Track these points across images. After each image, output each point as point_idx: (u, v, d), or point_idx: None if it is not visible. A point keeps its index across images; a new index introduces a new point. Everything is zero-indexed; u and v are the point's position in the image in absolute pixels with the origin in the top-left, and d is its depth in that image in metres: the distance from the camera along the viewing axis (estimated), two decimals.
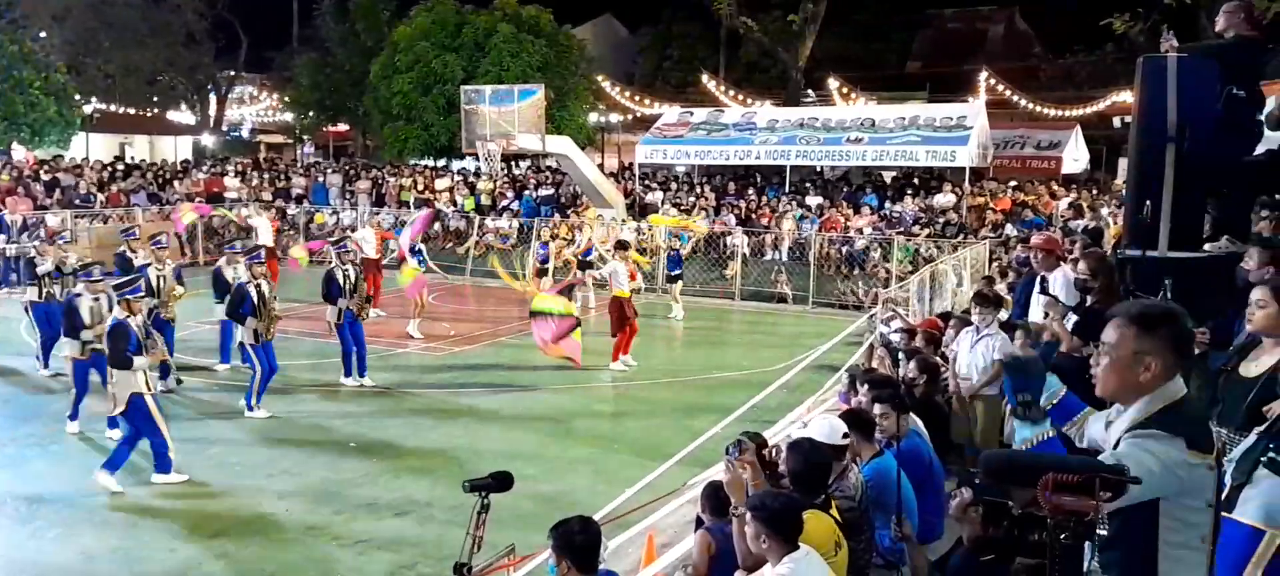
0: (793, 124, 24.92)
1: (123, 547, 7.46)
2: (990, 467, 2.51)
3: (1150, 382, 2.79)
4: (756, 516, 3.92)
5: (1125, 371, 2.81)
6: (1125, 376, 2.82)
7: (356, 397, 11.89)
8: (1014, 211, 21.30)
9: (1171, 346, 2.81)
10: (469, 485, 4.18)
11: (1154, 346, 2.78)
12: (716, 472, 7.40)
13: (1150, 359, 2.78)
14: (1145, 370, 2.78)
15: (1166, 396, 2.79)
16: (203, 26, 38.55)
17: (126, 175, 26.83)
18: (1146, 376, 2.79)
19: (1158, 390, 2.79)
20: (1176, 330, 2.85)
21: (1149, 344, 2.79)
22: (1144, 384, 2.79)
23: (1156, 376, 2.79)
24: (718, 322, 18.16)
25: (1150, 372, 2.78)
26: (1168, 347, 2.80)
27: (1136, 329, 2.82)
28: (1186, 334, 2.90)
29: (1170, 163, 6.78)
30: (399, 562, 7.26)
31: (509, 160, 29.03)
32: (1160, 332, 2.81)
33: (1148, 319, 2.85)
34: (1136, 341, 2.81)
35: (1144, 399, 2.80)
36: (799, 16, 31.77)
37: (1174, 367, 2.82)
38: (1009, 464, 2.51)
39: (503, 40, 29.36)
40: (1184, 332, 2.88)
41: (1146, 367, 2.78)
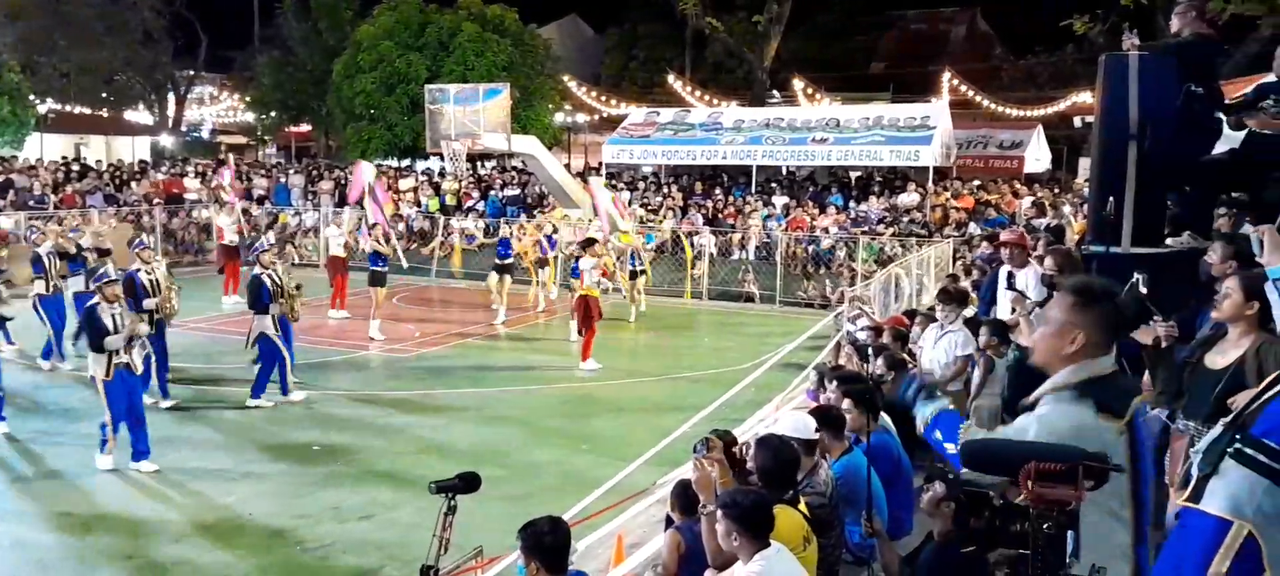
0: (759, 124, 25.01)
1: (77, 551, 7.29)
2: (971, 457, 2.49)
3: (1074, 355, 2.87)
4: (727, 514, 3.89)
5: (1055, 339, 2.91)
6: (1054, 344, 2.91)
7: (319, 399, 11.70)
8: (977, 210, 21.52)
9: (1102, 325, 2.90)
10: (435, 486, 4.12)
11: (1085, 321, 2.87)
12: (685, 471, 7.39)
13: (1078, 332, 2.86)
14: (1071, 342, 2.87)
15: (1091, 370, 2.87)
16: (161, 25, 37.87)
17: (82, 176, 26.29)
18: (1071, 348, 2.87)
19: (1083, 363, 2.87)
20: (1110, 311, 2.95)
21: (1081, 318, 2.88)
22: (1068, 355, 2.88)
23: (1081, 349, 2.87)
24: (685, 322, 18.15)
25: (1075, 345, 2.87)
26: (1098, 325, 2.89)
27: (1073, 301, 2.93)
28: (1120, 317, 3.01)
29: (1132, 160, 6.86)
30: (365, 565, 7.15)
31: (474, 160, 28.85)
32: (1094, 310, 2.90)
33: (1087, 294, 2.94)
34: (1070, 313, 2.91)
35: (1068, 369, 2.88)
36: (764, 17, 31.90)
37: (1101, 346, 2.90)
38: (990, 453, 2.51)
39: (467, 39, 29.14)
40: (1118, 315, 2.99)
41: (1073, 340, 2.87)
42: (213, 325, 15.65)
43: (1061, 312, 2.94)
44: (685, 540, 4.96)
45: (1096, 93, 7.53)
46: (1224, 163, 6.87)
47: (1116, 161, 6.97)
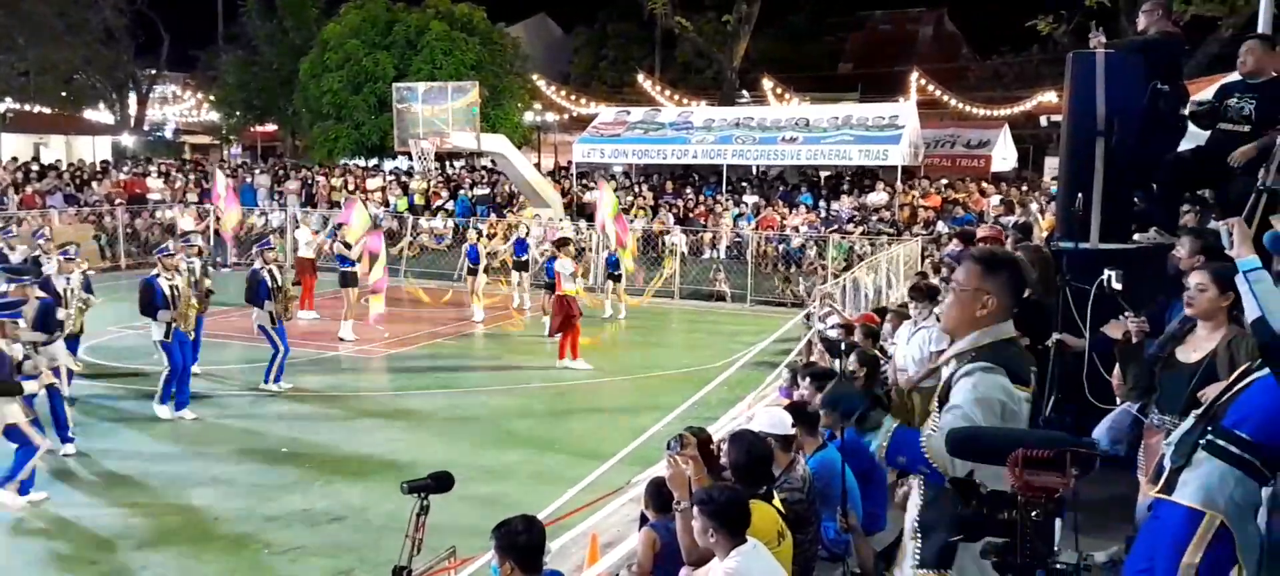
0: (729, 123, 25.06)
1: (41, 558, 7.14)
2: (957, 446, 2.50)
3: (985, 319, 3.07)
4: (703, 510, 3.87)
5: (967, 305, 3.09)
6: (966, 309, 3.10)
7: (287, 400, 11.56)
8: (945, 208, 21.69)
9: (1009, 288, 3.09)
10: (407, 486, 4.06)
11: (994, 286, 3.06)
12: (659, 470, 7.36)
13: (989, 297, 3.06)
14: (983, 307, 3.06)
15: (994, 334, 3.05)
16: (122, 23, 37.24)
17: (42, 176, 25.80)
18: (983, 313, 3.07)
19: (989, 327, 3.06)
20: (1015, 275, 3.14)
21: (990, 283, 3.07)
22: (980, 319, 3.07)
23: (992, 313, 3.06)
24: (657, 321, 18.13)
25: (986, 310, 3.06)
26: (1005, 289, 3.08)
27: (981, 268, 3.12)
28: (1022, 281, 3.19)
29: (1100, 156, 6.95)
30: (336, 568, 7.06)
31: (443, 159, 28.66)
32: (1001, 275, 3.09)
33: (992, 261, 3.17)
34: (980, 279, 3.09)
35: (975, 332, 3.07)
36: (733, 17, 31.98)
37: (1008, 310, 3.10)
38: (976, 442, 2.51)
39: (435, 38, 28.94)
40: (1021, 279, 3.18)
41: (984, 305, 3.06)
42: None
43: (971, 280, 3.11)
44: (660, 538, 4.94)
45: (1064, 90, 7.61)
46: (1189, 159, 6.96)
47: (1084, 158, 7.05)
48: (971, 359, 3.01)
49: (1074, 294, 5.36)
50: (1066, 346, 5.32)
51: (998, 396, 2.91)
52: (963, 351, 3.08)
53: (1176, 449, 3.61)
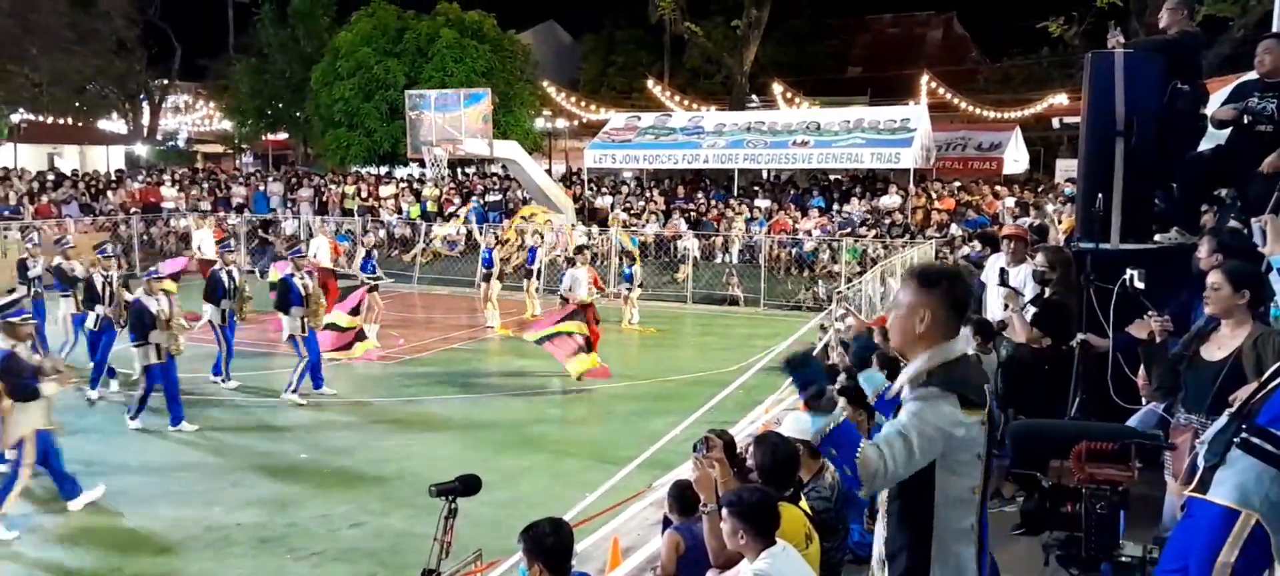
0: (740, 128, 25.05)
1: (62, 567, 7.16)
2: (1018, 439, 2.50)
3: (925, 335, 2.98)
4: (733, 512, 3.86)
5: (904, 321, 3.02)
6: (904, 325, 3.03)
7: (306, 408, 11.59)
8: (958, 211, 21.64)
9: (947, 303, 3.00)
10: (436, 489, 4.08)
11: (929, 301, 2.99)
12: (680, 474, 7.36)
13: (925, 311, 2.98)
14: (920, 321, 2.98)
15: (944, 354, 2.97)
16: (134, 34, 37.42)
17: (57, 185, 25.97)
18: (921, 327, 2.98)
19: (936, 347, 2.98)
20: (953, 289, 3.05)
21: (925, 298, 3.00)
22: (920, 336, 2.99)
23: (929, 328, 2.98)
24: (671, 326, 18.13)
25: (924, 325, 2.98)
26: (942, 303, 2.99)
27: (916, 283, 3.05)
28: (963, 295, 3.10)
29: (1119, 156, 6.94)
30: (355, 573, 7.07)
31: (454, 166, 28.73)
32: (938, 289, 3.01)
33: (927, 276, 3.08)
34: (915, 294, 3.02)
35: (923, 354, 2.98)
36: (742, 22, 31.97)
37: (950, 324, 3.01)
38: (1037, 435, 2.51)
39: (445, 46, 29.04)
40: (960, 293, 3.08)
41: (921, 320, 2.98)
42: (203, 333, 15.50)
43: (907, 295, 3.05)
44: (684, 540, 4.93)
45: (1083, 91, 7.60)
46: (1209, 159, 6.94)
47: (1104, 158, 7.04)
48: (923, 382, 2.94)
49: (1097, 294, 5.36)
50: (1091, 346, 5.32)
51: (942, 427, 2.86)
52: (914, 375, 2.99)
53: (1210, 447, 3.59)
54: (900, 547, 3.08)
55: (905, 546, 3.06)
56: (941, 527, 2.99)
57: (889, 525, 3.14)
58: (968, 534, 3.03)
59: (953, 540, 3.01)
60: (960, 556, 3.03)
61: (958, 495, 2.99)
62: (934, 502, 2.98)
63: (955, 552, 3.02)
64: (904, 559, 3.07)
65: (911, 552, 3.05)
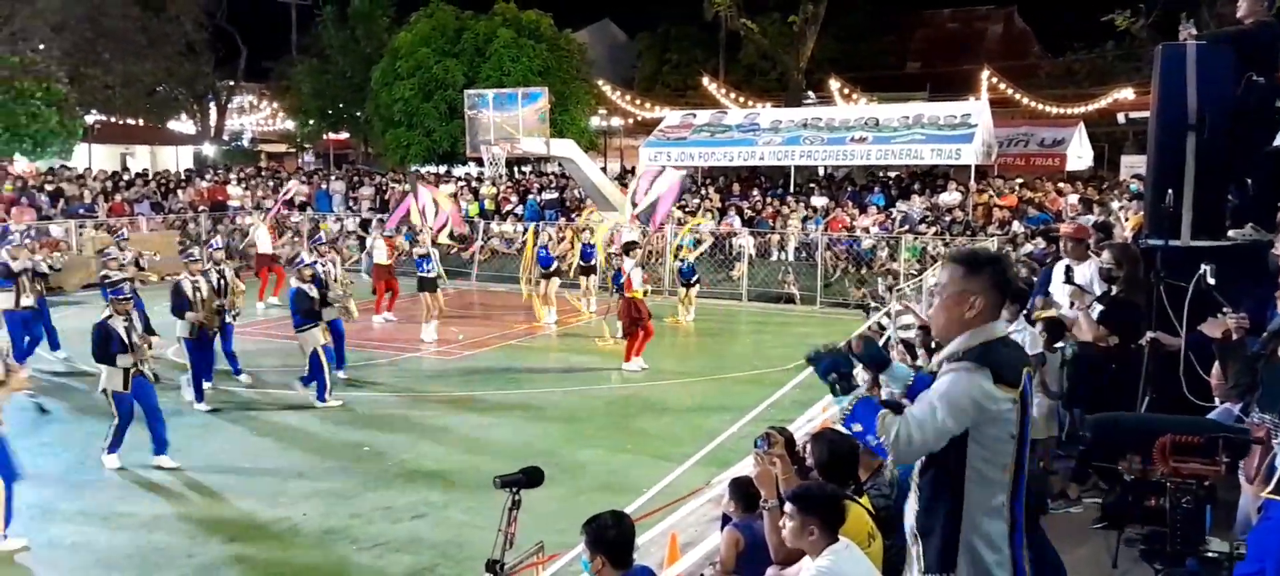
0: (796, 124, 24.88)
1: (140, 551, 7.40)
2: (1099, 432, 2.48)
3: (974, 320, 3.04)
4: (800, 507, 3.85)
5: (952, 308, 3.08)
6: (952, 312, 3.08)
7: (368, 401, 11.81)
8: (1020, 208, 21.26)
9: (994, 286, 3.06)
10: (500, 481, 4.14)
11: (979, 286, 3.04)
12: (737, 471, 7.36)
13: (975, 297, 3.04)
14: (970, 308, 3.04)
15: (985, 334, 3.02)
16: (202, 37, 38.45)
17: (129, 185, 26.79)
18: (971, 314, 3.04)
19: (979, 328, 3.04)
20: (999, 272, 3.11)
21: (974, 284, 3.05)
22: (968, 321, 3.04)
23: (980, 313, 3.04)
24: (726, 323, 18.10)
25: (974, 310, 3.04)
26: (991, 287, 3.05)
27: (963, 270, 3.10)
28: (1008, 277, 3.17)
29: (1191, 151, 6.77)
30: (418, 564, 7.20)
31: (511, 165, 29.00)
32: (984, 274, 3.06)
33: (973, 261, 3.13)
34: (963, 281, 3.07)
35: (965, 334, 3.04)
36: (799, 17, 31.73)
37: (996, 308, 3.08)
38: (1119, 428, 2.49)
39: (503, 45, 29.31)
40: (1006, 276, 3.15)
41: (971, 305, 3.04)
42: (261, 329, 15.90)
43: (955, 282, 3.09)
44: (744, 537, 4.94)
45: (1152, 84, 7.43)
46: None
47: (1174, 153, 6.87)
48: (958, 358, 3.00)
49: (1168, 292, 5.24)
50: (1161, 345, 5.21)
51: (973, 396, 2.91)
52: (951, 353, 3.06)
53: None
54: (931, 524, 3.12)
55: (937, 524, 3.10)
56: (971, 505, 3.03)
57: (920, 500, 3.18)
58: (999, 511, 3.06)
59: (984, 517, 3.04)
60: (992, 534, 3.06)
61: (989, 474, 3.02)
62: (965, 478, 3.02)
63: (987, 530, 3.05)
64: (937, 537, 3.11)
65: (943, 530, 3.09)
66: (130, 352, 8.99)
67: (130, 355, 8.99)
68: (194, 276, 11.75)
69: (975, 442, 2.99)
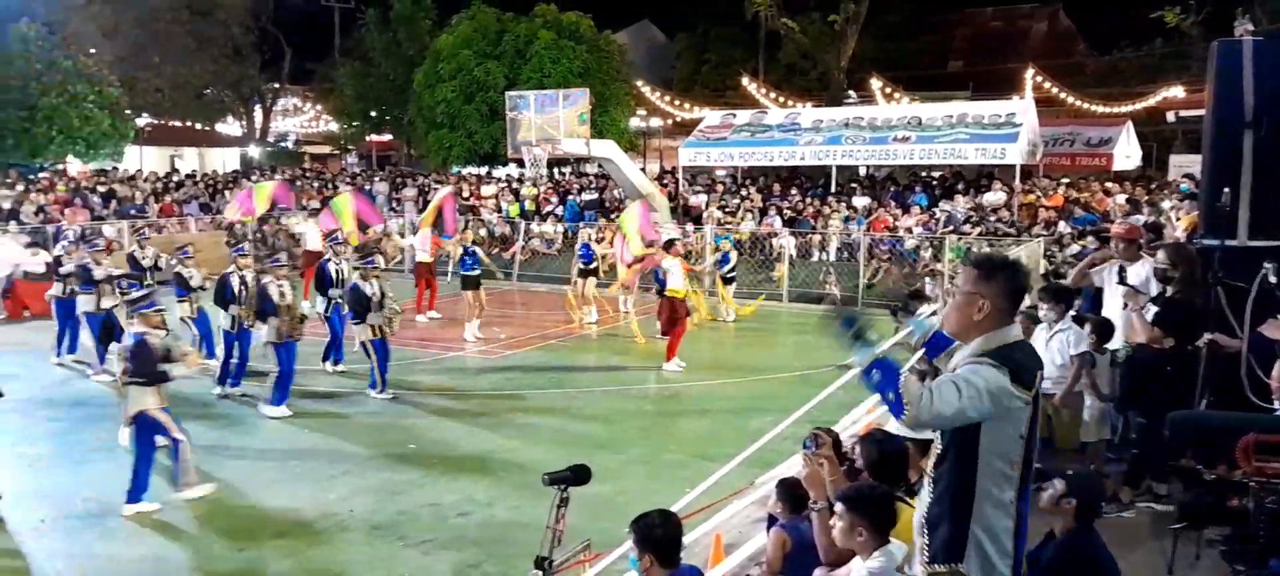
0: (837, 124, 24.74)
1: (190, 548, 7.54)
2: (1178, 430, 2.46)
3: (983, 323, 3.15)
4: (851, 507, 3.84)
5: (964, 309, 3.19)
6: (963, 313, 3.19)
7: (412, 400, 11.93)
8: (1066, 208, 20.94)
9: (1005, 292, 3.16)
10: (548, 478, 4.17)
11: (988, 290, 3.15)
12: (781, 472, 7.33)
13: (984, 301, 3.15)
14: (979, 310, 3.15)
15: (1000, 338, 3.13)
16: (248, 40, 39.17)
17: (179, 186, 27.31)
18: (980, 316, 3.15)
19: (992, 332, 3.15)
20: (1012, 279, 3.20)
21: (984, 288, 3.16)
22: (977, 323, 3.16)
23: (988, 317, 3.14)
24: (767, 323, 18.03)
25: (983, 314, 3.15)
26: (1001, 293, 3.15)
27: (976, 273, 3.21)
28: (1020, 284, 3.24)
29: (1248, 149, 6.64)
30: (464, 561, 7.26)
31: (552, 165, 29.17)
32: (997, 280, 3.17)
33: (988, 266, 3.24)
34: (974, 283, 3.18)
35: (979, 338, 3.16)
36: (840, 16, 31.55)
37: (1006, 313, 3.17)
38: (1197, 426, 2.47)
39: (543, 47, 29.48)
40: (1018, 283, 3.23)
41: (980, 309, 3.15)
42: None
43: (967, 284, 3.21)
44: (791, 538, 4.93)
45: (1207, 81, 7.29)
46: None
47: (1230, 151, 6.75)
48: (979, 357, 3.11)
49: (1227, 292, 5.14)
50: (1219, 346, 5.11)
51: (992, 390, 3.01)
52: (972, 353, 3.15)
53: None
54: (941, 515, 3.22)
55: (946, 514, 3.20)
56: (981, 497, 3.14)
57: (934, 491, 3.27)
58: (1007, 508, 3.16)
59: (993, 510, 3.15)
60: (996, 528, 3.16)
61: (999, 468, 3.13)
62: (977, 471, 3.12)
63: (994, 525, 3.15)
64: (945, 527, 3.21)
65: (952, 520, 3.18)
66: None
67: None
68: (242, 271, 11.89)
69: (988, 435, 3.10)
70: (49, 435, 10.37)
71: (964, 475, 3.15)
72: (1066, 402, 6.79)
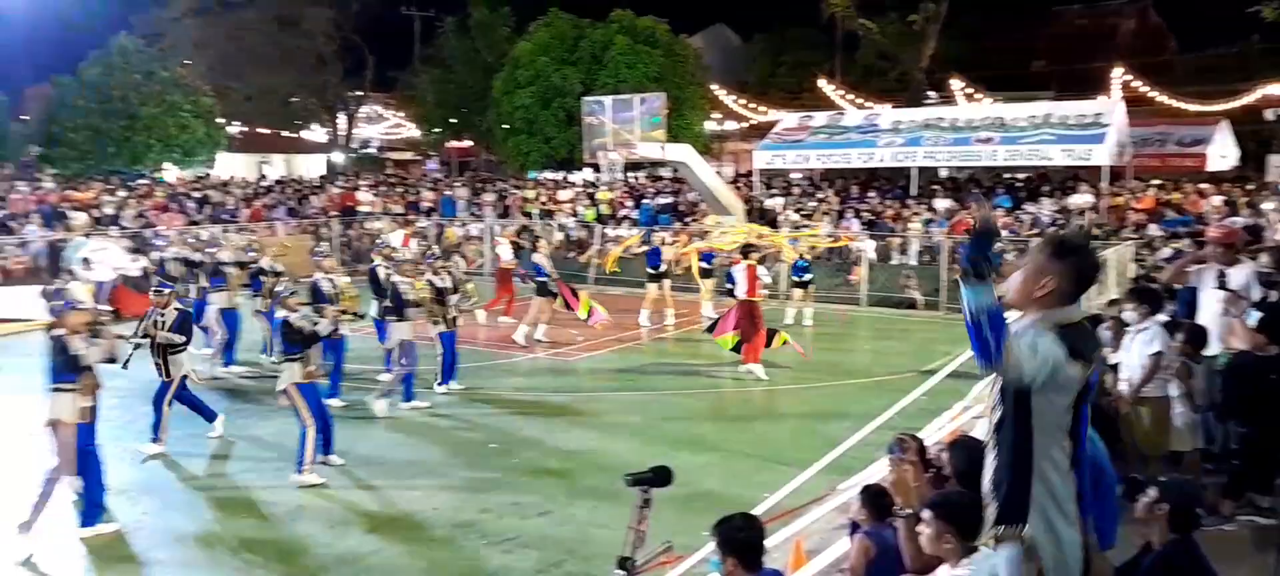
0: (917, 125, 24.36)
1: (284, 538, 7.79)
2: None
3: (1044, 300, 3.18)
4: (939, 514, 3.80)
5: (1028, 282, 3.22)
6: (1027, 286, 3.22)
7: (493, 400, 12.12)
8: (1157, 210, 20.27)
9: (1072, 275, 3.18)
10: (631, 478, 4.19)
11: (1056, 270, 3.17)
12: (864, 479, 7.25)
13: (1048, 278, 3.17)
14: (1042, 287, 3.18)
15: (1062, 316, 3.16)
16: (332, 49, 40.29)
17: (268, 192, 28.22)
18: (1041, 293, 3.18)
19: (1051, 309, 3.17)
20: (1083, 263, 3.23)
21: (1053, 266, 3.18)
22: (1038, 299, 3.19)
23: (1050, 295, 3.17)
24: (845, 328, 17.84)
25: (1044, 290, 3.17)
26: (1068, 274, 3.17)
27: (1049, 250, 3.24)
28: (1090, 271, 3.29)
29: None
30: (546, 560, 7.35)
31: (627, 169, 29.34)
32: (1066, 261, 3.19)
33: (1061, 247, 3.26)
34: (1045, 260, 3.21)
35: (1043, 313, 3.18)
36: (920, 16, 31.07)
37: (1070, 296, 3.19)
38: None
39: (619, 52, 29.68)
40: (1088, 268, 3.27)
41: (1043, 285, 3.17)
42: None
43: (1037, 259, 3.24)
44: (874, 545, 4.89)
45: None
46: None
47: None
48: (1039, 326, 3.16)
49: None
50: None
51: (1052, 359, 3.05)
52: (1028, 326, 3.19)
53: None
54: (1004, 476, 3.30)
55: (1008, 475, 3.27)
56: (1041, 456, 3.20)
57: (997, 454, 3.35)
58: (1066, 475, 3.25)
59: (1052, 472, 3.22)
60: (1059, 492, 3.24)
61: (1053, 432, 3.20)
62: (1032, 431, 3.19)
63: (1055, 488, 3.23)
64: (1008, 488, 3.29)
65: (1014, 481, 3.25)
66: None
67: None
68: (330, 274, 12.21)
69: (1039, 398, 3.14)
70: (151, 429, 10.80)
71: (1022, 435, 3.22)
72: (1146, 405, 6.61)
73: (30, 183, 25.31)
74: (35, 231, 20.79)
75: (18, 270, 19.71)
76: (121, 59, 28.56)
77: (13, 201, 22.63)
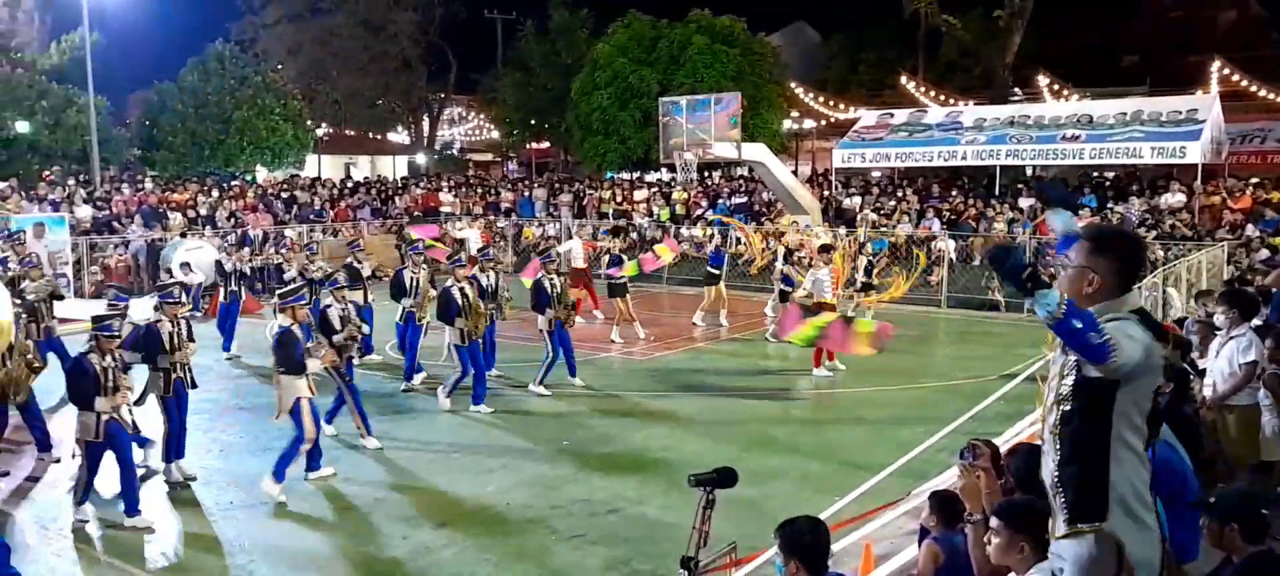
0: (1002, 122, 23.80)
1: (360, 532, 8.01)
2: None
3: (1094, 296, 3.13)
4: (1009, 523, 3.73)
5: (1075, 281, 3.19)
6: (1073, 286, 3.18)
7: (564, 399, 12.26)
8: (1255, 210, 19.41)
9: (1116, 265, 3.14)
10: (694, 479, 4.22)
11: (1099, 264, 3.14)
12: (936, 484, 7.14)
13: (1093, 274, 3.14)
14: (1089, 284, 3.15)
15: (1117, 307, 3.11)
16: (417, 53, 41.16)
17: (353, 192, 28.98)
18: (1090, 289, 3.14)
19: (1106, 303, 3.12)
20: (1128, 253, 3.20)
21: (1095, 261, 3.15)
22: (1088, 295, 3.13)
23: (1098, 290, 3.14)
24: (923, 331, 17.53)
25: (1092, 287, 3.15)
26: (1112, 266, 3.14)
27: (1089, 246, 3.20)
28: (1134, 257, 3.24)
29: None
30: (614, 557, 7.41)
31: (702, 169, 29.29)
32: (1109, 254, 3.15)
33: (1100, 240, 3.23)
34: (1086, 257, 3.17)
35: (1102, 304, 3.12)
36: (1005, 11, 30.28)
37: (1119, 286, 3.15)
38: None
39: (697, 52, 29.64)
40: (1133, 259, 3.23)
41: (1089, 282, 3.15)
42: None
43: (1079, 257, 3.20)
44: (943, 552, 4.81)
45: None
46: None
47: None
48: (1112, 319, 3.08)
49: None
50: None
51: (1145, 344, 3.00)
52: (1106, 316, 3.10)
53: None
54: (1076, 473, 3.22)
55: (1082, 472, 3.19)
56: (1118, 448, 3.15)
57: (1063, 450, 3.26)
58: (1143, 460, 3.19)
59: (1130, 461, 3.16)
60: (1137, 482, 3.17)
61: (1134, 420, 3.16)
62: (1113, 424, 3.12)
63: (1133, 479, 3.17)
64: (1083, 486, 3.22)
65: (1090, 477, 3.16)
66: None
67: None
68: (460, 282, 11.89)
69: (1127, 386, 3.08)
70: (238, 423, 11.22)
71: (1099, 431, 3.14)
72: (1233, 412, 6.35)
73: (132, 185, 26.46)
74: (136, 231, 21.75)
75: (119, 267, 20.67)
76: (217, 65, 29.67)
77: (115, 202, 23.69)
